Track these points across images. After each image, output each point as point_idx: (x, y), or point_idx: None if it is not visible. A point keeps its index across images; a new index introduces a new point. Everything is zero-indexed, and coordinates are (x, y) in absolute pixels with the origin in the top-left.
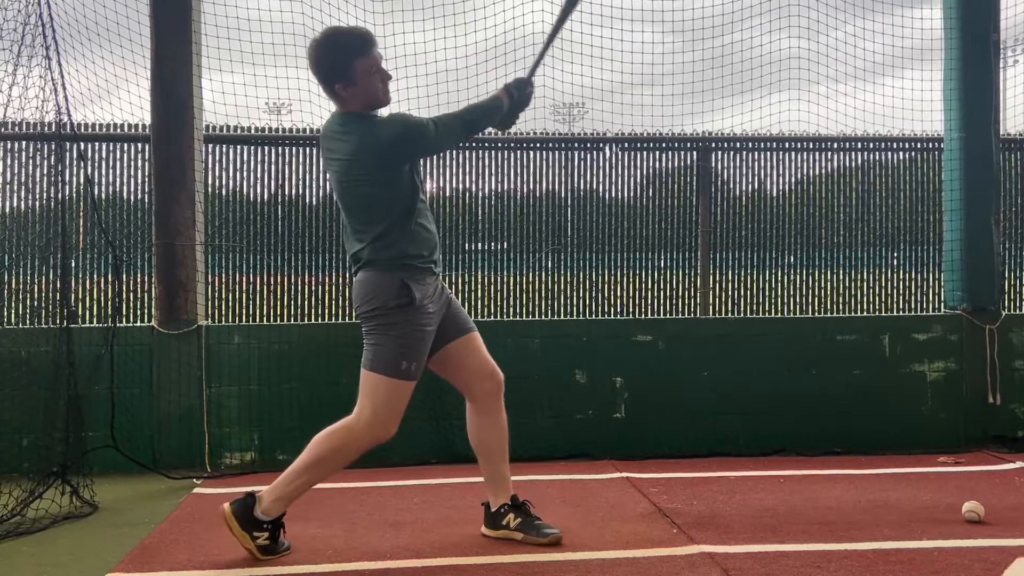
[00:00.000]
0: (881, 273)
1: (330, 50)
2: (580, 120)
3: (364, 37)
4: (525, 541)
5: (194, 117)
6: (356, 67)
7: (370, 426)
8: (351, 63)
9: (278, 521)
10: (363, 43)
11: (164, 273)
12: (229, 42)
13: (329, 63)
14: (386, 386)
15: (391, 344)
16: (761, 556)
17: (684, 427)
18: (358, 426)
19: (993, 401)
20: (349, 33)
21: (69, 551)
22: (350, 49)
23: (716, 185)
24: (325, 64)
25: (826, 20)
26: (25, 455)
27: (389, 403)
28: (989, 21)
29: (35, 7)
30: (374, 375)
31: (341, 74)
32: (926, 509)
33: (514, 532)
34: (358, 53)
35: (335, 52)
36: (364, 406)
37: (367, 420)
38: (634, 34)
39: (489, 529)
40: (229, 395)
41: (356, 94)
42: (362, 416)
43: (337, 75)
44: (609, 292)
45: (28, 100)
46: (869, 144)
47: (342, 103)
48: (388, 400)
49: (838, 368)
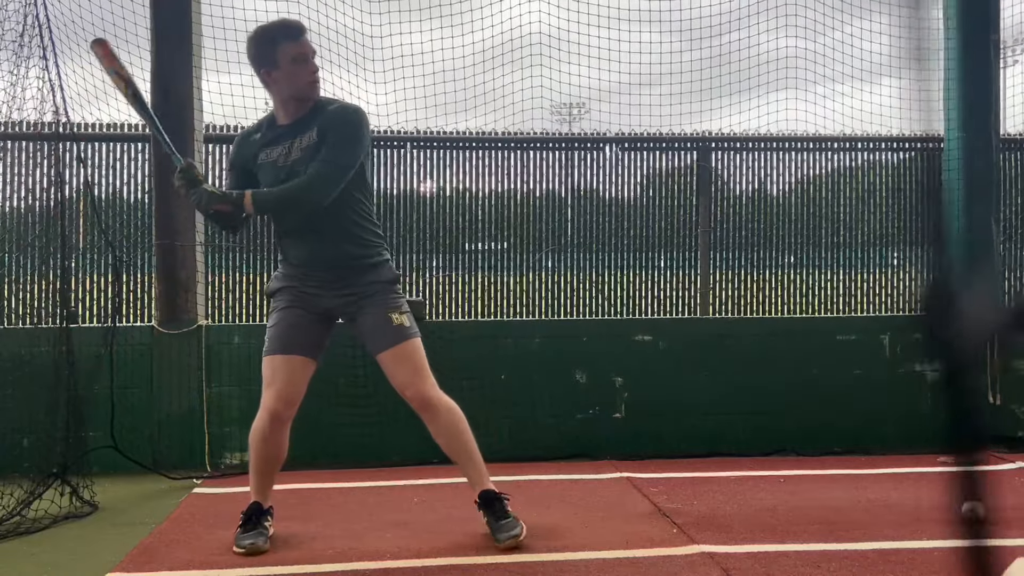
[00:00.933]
0: (881, 273)
1: (259, 37)
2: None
3: (293, 25)
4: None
5: (194, 117)
6: (280, 52)
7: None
8: (276, 47)
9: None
10: (291, 30)
11: (164, 273)
12: (228, 43)
13: (257, 48)
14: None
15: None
16: (761, 556)
17: (684, 427)
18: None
19: (993, 401)
20: (280, 21)
21: (69, 551)
22: (277, 35)
23: (716, 185)
24: (254, 50)
25: (824, 20)
26: (25, 455)
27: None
28: (989, 21)
29: (32, 8)
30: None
31: (266, 58)
32: (926, 509)
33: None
34: (284, 38)
35: (263, 39)
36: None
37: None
38: (633, 35)
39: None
40: (229, 395)
41: (279, 79)
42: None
43: (263, 60)
44: (609, 292)
45: (26, 100)
46: (869, 144)
47: (270, 90)
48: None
49: (838, 368)
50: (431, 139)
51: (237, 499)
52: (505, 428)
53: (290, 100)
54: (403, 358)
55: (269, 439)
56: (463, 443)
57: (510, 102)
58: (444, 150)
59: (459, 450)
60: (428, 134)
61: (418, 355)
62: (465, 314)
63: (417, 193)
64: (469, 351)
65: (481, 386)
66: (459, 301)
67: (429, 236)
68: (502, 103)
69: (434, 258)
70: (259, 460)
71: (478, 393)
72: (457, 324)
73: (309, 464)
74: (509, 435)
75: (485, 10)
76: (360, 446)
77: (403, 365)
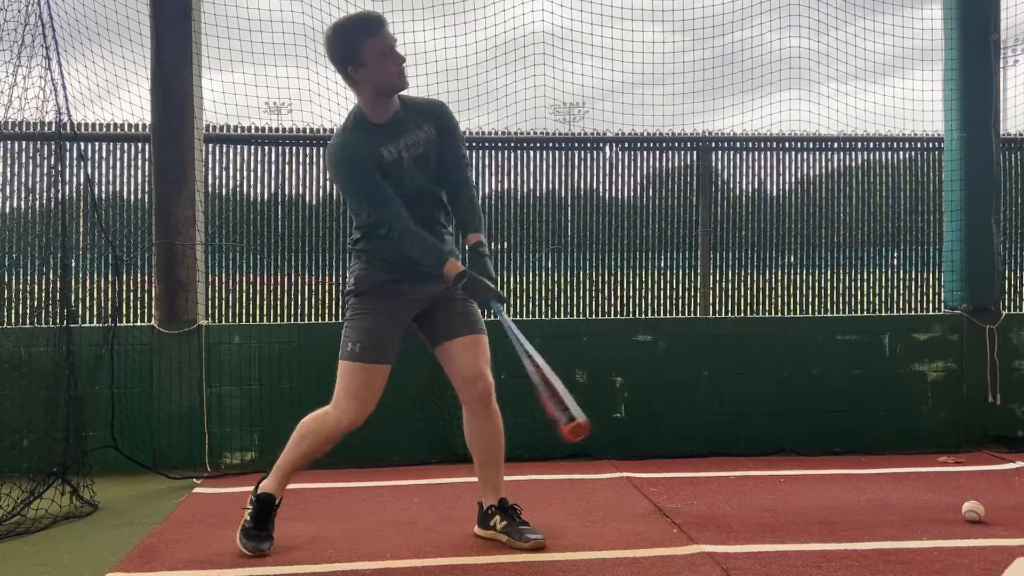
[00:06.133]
0: (881, 273)
1: (339, 34)
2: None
3: (373, 18)
4: (509, 544)
5: (194, 117)
6: (365, 47)
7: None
8: (360, 43)
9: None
10: (372, 24)
11: (164, 273)
12: (229, 42)
13: (339, 45)
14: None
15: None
16: (761, 556)
17: (684, 427)
18: None
19: (993, 401)
20: (358, 15)
21: (69, 551)
22: (359, 30)
23: (716, 185)
24: (336, 47)
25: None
26: (25, 455)
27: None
28: (989, 21)
29: (35, 7)
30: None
31: (352, 55)
32: (926, 509)
33: (500, 534)
34: (367, 33)
35: (344, 35)
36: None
37: None
38: (634, 33)
39: (480, 529)
40: (229, 395)
41: (367, 76)
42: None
43: (348, 57)
44: (609, 292)
45: (28, 100)
46: (869, 144)
47: (356, 88)
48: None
49: (838, 368)
50: None
51: (237, 499)
52: (505, 428)
53: (378, 95)
54: (482, 347)
55: (331, 445)
56: (502, 447)
57: (511, 101)
58: None
59: (496, 453)
60: None
61: (488, 351)
62: None
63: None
64: None
65: None
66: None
67: None
68: (503, 102)
69: None
70: (304, 459)
71: None
72: None
73: (309, 464)
74: (509, 435)
75: (488, 9)
76: (360, 446)
77: (480, 354)
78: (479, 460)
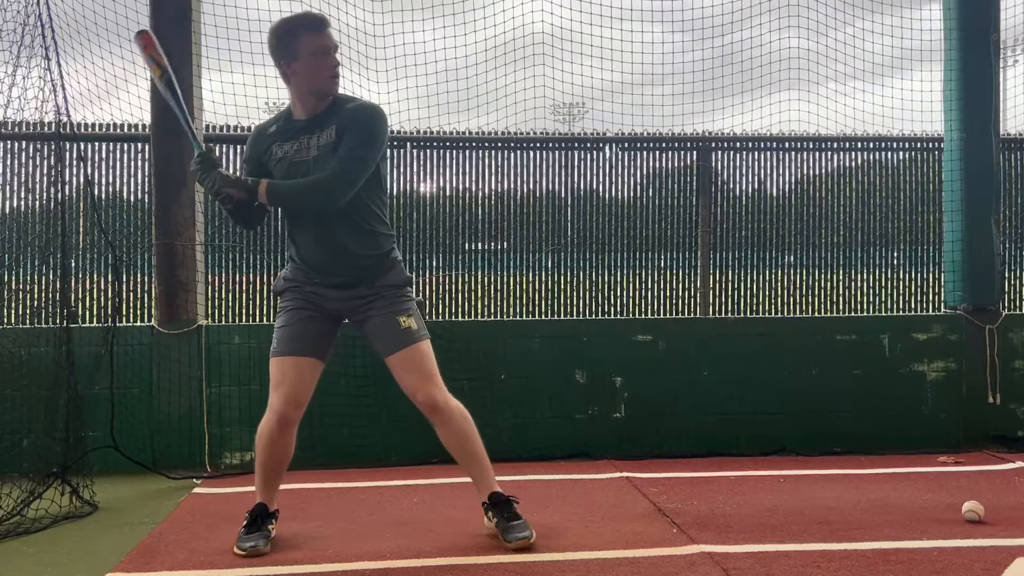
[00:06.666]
0: (881, 273)
1: (280, 28)
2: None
3: (315, 18)
4: (500, 541)
5: (194, 117)
6: (301, 44)
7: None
8: (297, 39)
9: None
10: (312, 22)
11: (164, 273)
12: (229, 42)
13: (277, 40)
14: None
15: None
16: (761, 556)
17: (684, 427)
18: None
19: (993, 401)
20: (303, 13)
21: (69, 551)
22: (299, 26)
23: (716, 185)
24: (274, 41)
25: (826, 20)
26: (25, 455)
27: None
28: (989, 21)
29: (34, 7)
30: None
31: (287, 50)
32: (926, 509)
33: (494, 530)
34: (305, 31)
35: (284, 30)
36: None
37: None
38: (634, 33)
39: (486, 523)
40: (229, 395)
41: (298, 72)
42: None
43: (284, 52)
44: (609, 292)
45: (28, 100)
46: (869, 144)
47: (288, 84)
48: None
49: (838, 368)
50: (431, 139)
51: (237, 499)
52: (505, 428)
53: (308, 95)
54: (411, 362)
55: (277, 441)
56: (473, 447)
57: (512, 101)
58: (444, 150)
59: (469, 454)
60: (428, 134)
61: (427, 359)
62: (465, 314)
63: (417, 193)
64: (469, 351)
65: (481, 386)
66: (459, 301)
67: (429, 236)
68: (504, 102)
69: (434, 258)
70: (266, 462)
71: (478, 393)
72: (457, 324)
73: (309, 464)
74: (509, 435)
75: (488, 9)
76: (360, 446)
77: (412, 370)
78: (457, 461)
